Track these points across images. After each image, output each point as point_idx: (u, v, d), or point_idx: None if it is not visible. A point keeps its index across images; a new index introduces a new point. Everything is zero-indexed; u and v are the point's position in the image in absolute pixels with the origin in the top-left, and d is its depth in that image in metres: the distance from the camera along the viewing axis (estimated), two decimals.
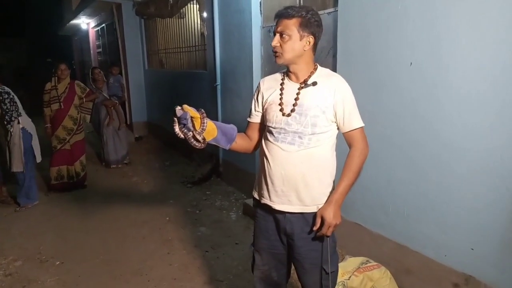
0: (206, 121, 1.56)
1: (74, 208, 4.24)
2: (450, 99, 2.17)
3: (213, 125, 1.59)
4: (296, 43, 1.56)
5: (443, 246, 2.29)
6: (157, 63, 7.58)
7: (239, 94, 4.28)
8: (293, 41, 1.55)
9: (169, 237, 3.47)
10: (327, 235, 1.59)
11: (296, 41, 1.55)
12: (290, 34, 1.55)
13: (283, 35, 1.56)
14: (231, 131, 1.67)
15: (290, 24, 1.54)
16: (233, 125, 1.69)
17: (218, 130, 1.61)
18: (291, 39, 1.55)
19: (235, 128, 1.70)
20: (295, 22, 1.54)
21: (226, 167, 4.88)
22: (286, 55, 1.57)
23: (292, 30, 1.54)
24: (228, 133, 1.65)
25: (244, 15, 4.00)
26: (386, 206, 2.62)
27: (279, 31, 1.57)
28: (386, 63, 2.51)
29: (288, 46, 1.56)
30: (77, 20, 10.50)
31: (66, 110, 4.62)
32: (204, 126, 1.55)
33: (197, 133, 1.55)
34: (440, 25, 2.17)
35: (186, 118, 1.51)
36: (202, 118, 1.55)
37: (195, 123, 1.54)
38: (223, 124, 1.66)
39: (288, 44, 1.56)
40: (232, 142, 1.68)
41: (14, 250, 3.29)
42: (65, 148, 4.68)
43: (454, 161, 2.18)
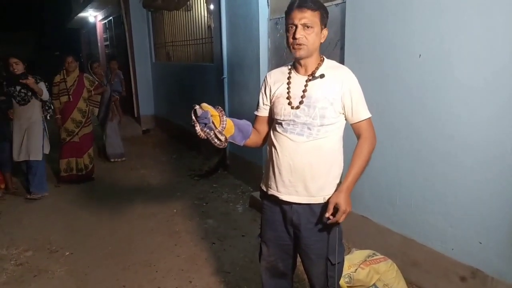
0: (225, 119, 1.54)
1: (83, 200, 4.30)
2: (458, 90, 2.14)
3: (231, 122, 1.59)
4: (318, 36, 1.57)
5: (450, 239, 2.28)
6: (164, 56, 7.58)
7: (246, 86, 4.27)
8: (315, 33, 1.56)
9: (177, 229, 3.50)
10: (339, 221, 1.59)
11: (318, 34, 1.57)
12: (314, 26, 1.54)
13: (308, 26, 1.54)
14: (247, 127, 1.67)
15: (315, 16, 1.54)
16: (247, 121, 1.69)
17: (235, 127, 1.61)
18: (314, 31, 1.55)
19: (250, 123, 1.70)
20: (318, 15, 1.55)
21: (233, 160, 4.89)
22: (311, 47, 1.56)
23: (315, 23, 1.54)
24: (244, 129, 1.65)
25: (251, 7, 3.98)
26: (393, 199, 2.62)
27: (303, 23, 1.53)
28: (394, 55, 2.48)
29: (312, 38, 1.55)
30: (84, 13, 10.54)
31: (75, 103, 4.66)
32: (224, 124, 1.54)
33: (218, 132, 1.53)
34: (449, 16, 2.14)
35: (207, 117, 1.49)
36: (221, 116, 1.54)
37: (214, 122, 1.52)
38: (238, 120, 1.66)
39: (312, 36, 1.55)
40: (247, 139, 1.68)
41: (25, 241, 3.35)
42: (74, 141, 4.73)
43: (462, 153, 2.16)
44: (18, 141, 4.20)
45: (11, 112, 4.21)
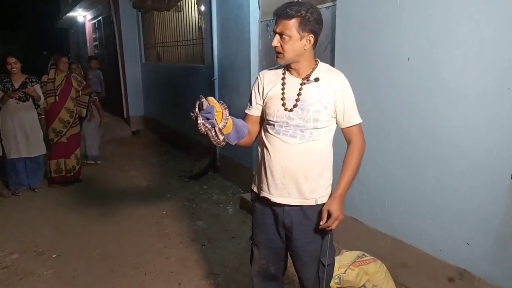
0: (228, 117, 1.49)
1: (71, 201, 4.24)
2: (447, 95, 2.17)
3: (231, 120, 1.54)
4: (297, 43, 1.54)
5: (438, 241, 2.31)
6: (154, 57, 7.54)
7: (236, 88, 4.27)
8: (293, 41, 1.53)
9: (166, 231, 3.47)
10: (332, 228, 1.61)
11: (297, 41, 1.53)
12: (290, 34, 1.52)
13: (283, 35, 1.53)
14: (243, 129, 1.63)
15: (290, 24, 1.51)
16: (245, 122, 1.67)
17: (233, 126, 1.56)
18: (291, 39, 1.53)
19: (247, 126, 1.67)
20: (295, 23, 1.51)
21: (223, 161, 4.88)
22: (287, 55, 1.56)
23: (291, 31, 1.52)
24: (241, 130, 1.61)
25: (242, 9, 3.98)
26: (382, 201, 2.64)
27: (278, 31, 1.54)
28: (384, 59, 2.50)
29: (288, 47, 1.54)
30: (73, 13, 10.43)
31: (63, 103, 4.60)
32: (225, 122, 1.49)
33: (219, 130, 1.47)
34: (438, 20, 2.17)
35: (211, 113, 1.43)
36: (224, 113, 1.49)
37: (217, 118, 1.46)
38: (237, 120, 1.62)
39: (288, 44, 1.54)
40: (240, 140, 1.65)
41: (11, 243, 3.28)
42: (61, 141, 4.67)
43: (451, 157, 2.19)
44: (21, 138, 4.26)
45: (43, 119, 4.52)
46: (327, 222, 1.58)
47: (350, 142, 1.67)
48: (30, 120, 4.33)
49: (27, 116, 4.30)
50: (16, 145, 4.25)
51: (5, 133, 4.19)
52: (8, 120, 4.18)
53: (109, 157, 6.08)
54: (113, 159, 5.99)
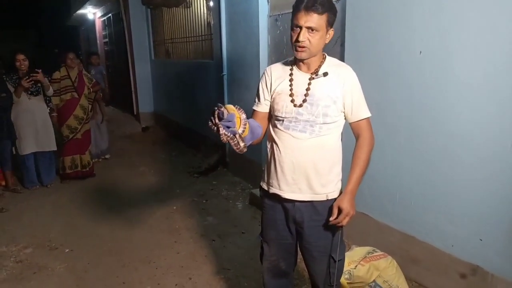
0: (246, 121, 1.44)
1: (83, 197, 4.30)
2: (458, 88, 2.14)
3: (247, 126, 1.49)
4: (323, 38, 1.52)
5: (450, 236, 2.28)
6: (164, 53, 7.56)
7: (246, 83, 4.26)
8: (320, 36, 1.50)
9: (176, 226, 3.50)
10: (343, 224, 1.59)
11: (323, 36, 1.51)
12: (319, 29, 1.49)
13: (312, 30, 1.48)
14: (258, 130, 1.59)
15: (321, 19, 1.47)
16: (258, 123, 1.63)
17: (249, 129, 1.51)
18: (319, 34, 1.50)
19: (261, 126, 1.63)
20: (325, 18, 1.48)
21: (232, 157, 4.89)
22: (314, 50, 1.52)
23: (321, 26, 1.48)
24: (256, 131, 1.57)
25: (251, 3, 3.96)
26: (392, 196, 2.62)
27: (308, 26, 1.47)
28: (395, 52, 2.47)
29: (316, 42, 1.50)
30: (84, 10, 10.51)
31: (78, 100, 4.67)
32: (244, 127, 1.44)
33: (239, 137, 1.41)
34: (449, 13, 2.13)
35: (232, 121, 1.37)
36: (242, 118, 1.43)
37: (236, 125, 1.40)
38: (253, 122, 1.58)
39: (316, 39, 1.50)
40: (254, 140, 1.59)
41: (25, 238, 3.34)
42: (76, 138, 4.73)
43: (462, 151, 2.16)
44: (33, 133, 4.32)
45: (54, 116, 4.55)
46: (337, 218, 1.57)
47: (358, 137, 1.65)
48: (42, 115, 4.39)
49: (39, 111, 4.36)
50: (27, 141, 4.31)
51: (17, 129, 4.24)
52: (20, 115, 4.24)
53: (120, 153, 6.14)
54: (124, 155, 6.04)
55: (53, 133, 4.52)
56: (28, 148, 4.34)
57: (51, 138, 4.48)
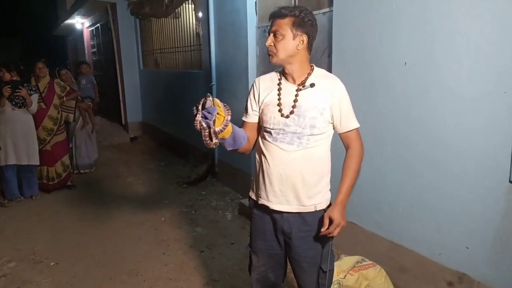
0: (228, 124, 1.48)
1: (69, 208, 4.22)
2: (444, 98, 2.18)
3: (230, 128, 1.53)
4: (289, 42, 1.55)
5: (437, 245, 2.31)
6: (152, 63, 7.56)
7: (234, 94, 4.28)
8: (286, 40, 1.55)
9: (165, 237, 3.46)
10: (334, 235, 1.59)
11: (289, 41, 1.55)
12: (283, 33, 1.55)
13: (276, 34, 1.56)
14: (241, 140, 1.62)
15: (283, 23, 1.55)
16: (245, 135, 1.66)
17: (231, 135, 1.55)
18: (284, 38, 1.55)
19: (246, 138, 1.66)
20: (288, 22, 1.54)
21: (221, 167, 4.88)
22: (280, 55, 1.57)
23: (285, 30, 1.55)
24: (238, 140, 1.60)
25: (239, 15, 4.00)
26: (380, 205, 2.64)
27: (272, 30, 1.58)
28: (380, 63, 2.52)
29: (281, 46, 1.56)
30: (71, 20, 10.43)
31: (46, 110, 4.54)
32: (224, 128, 1.48)
33: (213, 132, 1.46)
34: (434, 25, 2.19)
35: (211, 113, 1.42)
36: (226, 119, 1.48)
37: (217, 121, 1.46)
38: (238, 130, 1.62)
39: (281, 43, 1.56)
40: (235, 149, 1.64)
41: (8, 251, 3.26)
42: (45, 149, 4.60)
43: (448, 161, 2.20)
44: (12, 144, 4.21)
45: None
46: (328, 229, 1.57)
47: (348, 147, 1.67)
48: (24, 127, 4.28)
49: (21, 123, 4.25)
50: (6, 153, 4.20)
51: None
52: (1, 126, 4.16)
53: (107, 163, 6.07)
54: (111, 165, 5.98)
55: (36, 147, 4.37)
56: (7, 159, 4.22)
57: (32, 152, 4.33)
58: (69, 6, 10.34)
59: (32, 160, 4.37)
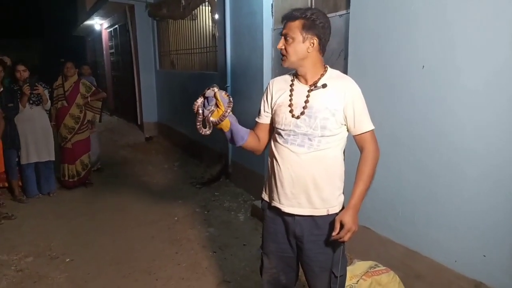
0: (224, 119, 1.55)
1: (84, 206, 4.30)
2: (462, 102, 2.14)
3: (228, 123, 1.58)
4: (299, 45, 1.55)
5: (454, 252, 2.26)
6: (169, 64, 7.64)
7: (249, 95, 4.29)
8: (296, 43, 1.55)
9: (178, 237, 3.48)
10: (345, 240, 1.56)
11: (299, 43, 1.55)
12: (293, 36, 1.55)
13: (287, 37, 1.57)
14: (239, 139, 1.66)
15: (293, 26, 1.55)
16: (246, 136, 1.68)
17: (230, 130, 1.61)
18: (294, 41, 1.55)
19: (245, 139, 1.68)
20: (298, 24, 1.54)
21: (235, 168, 4.89)
22: (290, 58, 1.58)
23: (295, 32, 1.55)
24: (235, 138, 1.65)
25: (255, 17, 4.01)
26: (395, 209, 2.60)
27: (283, 33, 1.58)
28: (398, 66, 2.49)
29: (291, 49, 1.56)
30: (90, 21, 10.65)
31: (68, 108, 4.67)
32: (219, 122, 1.55)
33: (207, 121, 1.55)
34: (452, 27, 2.15)
35: (210, 104, 1.52)
36: (224, 114, 1.53)
37: (215, 112, 1.53)
38: (238, 128, 1.64)
39: (291, 46, 1.56)
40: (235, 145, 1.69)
41: (25, 247, 3.34)
42: (67, 147, 4.74)
43: (466, 165, 2.15)
44: (33, 142, 4.34)
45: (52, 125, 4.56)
46: (339, 233, 1.54)
47: (362, 150, 1.64)
48: (42, 124, 4.42)
49: (39, 119, 4.39)
50: (27, 151, 4.32)
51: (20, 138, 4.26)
52: (21, 125, 4.25)
53: (123, 162, 6.16)
54: (127, 164, 6.06)
55: (52, 143, 4.53)
56: (28, 158, 4.35)
57: (50, 148, 4.49)
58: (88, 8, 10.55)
59: (51, 156, 4.52)
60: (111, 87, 11.08)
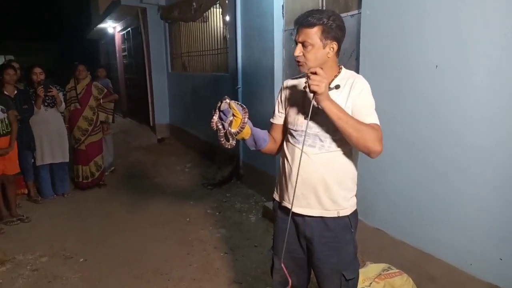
0: (245, 126, 1.55)
1: (98, 207, 4.35)
2: (476, 103, 2.10)
3: (249, 130, 1.59)
4: (320, 52, 1.52)
5: (468, 254, 2.22)
6: (180, 66, 7.69)
7: (260, 97, 4.29)
8: (316, 50, 1.51)
9: (189, 238, 3.50)
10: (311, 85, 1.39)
11: (320, 50, 1.51)
12: (312, 43, 1.50)
13: (305, 44, 1.51)
14: (262, 142, 1.68)
15: (312, 33, 1.49)
16: (266, 137, 1.70)
17: (251, 136, 1.63)
18: (314, 48, 1.51)
19: (267, 140, 1.71)
20: (317, 31, 1.49)
21: (246, 169, 4.89)
22: (310, 64, 1.53)
23: (314, 39, 1.50)
24: (258, 142, 1.68)
25: (266, 18, 4.02)
26: (408, 211, 2.57)
27: (300, 40, 1.52)
28: (410, 66, 2.46)
29: (311, 56, 1.52)
30: (104, 24, 10.79)
31: (81, 111, 4.74)
32: (241, 130, 1.55)
33: (229, 133, 1.54)
34: (465, 27, 2.12)
35: (227, 116, 1.52)
36: (243, 121, 1.53)
37: (233, 123, 1.53)
38: (258, 131, 1.66)
39: (311, 53, 1.52)
40: (258, 149, 1.70)
41: (41, 247, 3.40)
42: (80, 148, 4.81)
43: (479, 166, 2.11)
44: (48, 143, 4.42)
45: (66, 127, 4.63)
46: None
47: None
48: (57, 126, 4.49)
49: (54, 121, 4.46)
50: (42, 153, 4.40)
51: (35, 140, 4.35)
52: (36, 127, 4.34)
53: (136, 163, 6.22)
54: (139, 165, 6.12)
55: (67, 144, 4.60)
56: (43, 159, 4.43)
57: (64, 149, 4.56)
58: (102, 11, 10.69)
59: (65, 157, 4.59)
60: (124, 89, 11.20)
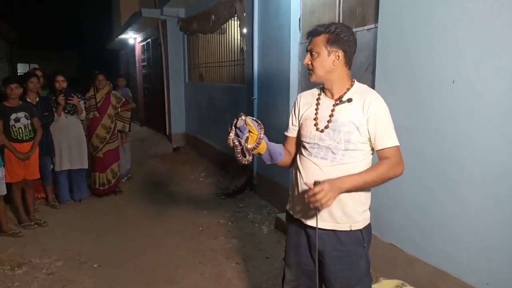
0: (261, 142, 1.57)
1: (112, 213, 4.42)
2: (494, 118, 2.07)
3: (265, 145, 1.62)
4: (325, 59, 1.58)
5: (485, 273, 2.16)
6: (197, 77, 7.81)
7: (275, 108, 4.32)
8: (321, 57, 1.58)
9: (202, 247, 3.51)
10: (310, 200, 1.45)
11: (325, 58, 1.58)
12: (318, 51, 1.58)
13: (312, 52, 1.60)
14: (278, 156, 1.70)
15: (318, 41, 1.58)
16: (282, 151, 1.73)
17: (267, 151, 1.65)
18: (320, 55, 1.58)
19: (283, 154, 1.73)
20: (323, 39, 1.57)
21: (260, 180, 4.90)
22: (317, 72, 1.60)
23: (320, 47, 1.58)
24: (274, 156, 1.70)
25: (283, 31, 4.06)
26: (423, 227, 2.52)
27: (309, 49, 1.62)
28: (427, 80, 2.44)
29: (317, 63, 1.59)
30: (125, 35, 11.08)
31: (100, 119, 4.86)
32: (257, 146, 1.57)
33: (246, 149, 1.57)
34: (483, 42, 2.10)
35: (243, 133, 1.55)
36: (259, 136, 1.56)
37: (249, 139, 1.56)
38: (274, 146, 1.69)
39: (317, 61, 1.59)
40: (274, 163, 1.72)
41: (56, 251, 3.46)
42: (98, 156, 4.91)
43: (498, 183, 2.07)
44: (67, 150, 4.52)
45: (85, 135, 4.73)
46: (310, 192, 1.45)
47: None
48: (76, 133, 4.59)
49: (74, 128, 4.57)
50: (60, 159, 4.51)
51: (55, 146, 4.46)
52: (56, 134, 4.46)
53: (151, 171, 6.31)
54: (155, 174, 6.20)
55: (86, 151, 4.70)
56: (62, 165, 4.53)
57: (83, 156, 4.64)
58: (123, 23, 10.99)
59: (84, 164, 4.68)
60: (142, 98, 11.41)
